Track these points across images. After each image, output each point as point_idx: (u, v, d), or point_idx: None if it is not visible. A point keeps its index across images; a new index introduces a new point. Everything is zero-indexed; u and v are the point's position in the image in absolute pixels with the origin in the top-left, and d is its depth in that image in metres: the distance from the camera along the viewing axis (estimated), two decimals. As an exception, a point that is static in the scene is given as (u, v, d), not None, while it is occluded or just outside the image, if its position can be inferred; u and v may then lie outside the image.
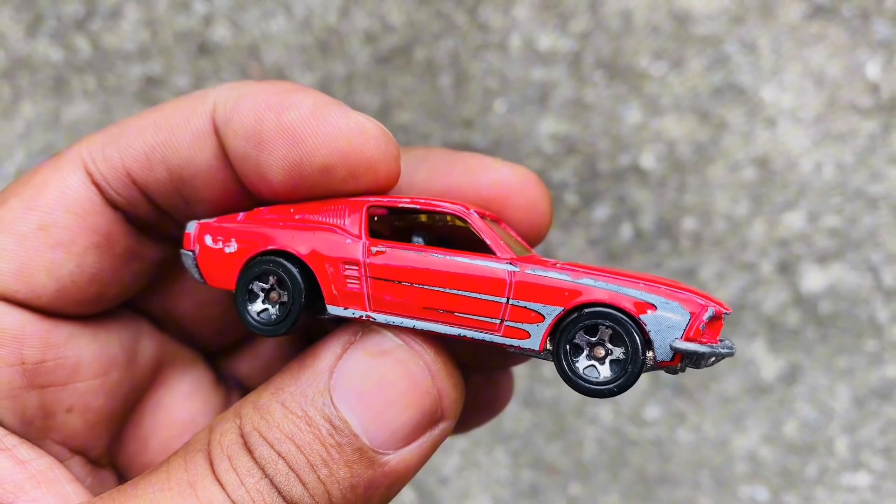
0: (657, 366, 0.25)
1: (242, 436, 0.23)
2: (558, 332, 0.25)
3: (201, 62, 0.73)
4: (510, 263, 0.25)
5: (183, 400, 0.30)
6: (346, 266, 0.25)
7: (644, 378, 0.70)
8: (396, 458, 0.23)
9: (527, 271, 0.25)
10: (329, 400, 0.23)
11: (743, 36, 0.73)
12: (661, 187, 0.71)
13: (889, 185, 0.71)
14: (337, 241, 0.26)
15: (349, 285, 0.25)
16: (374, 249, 0.26)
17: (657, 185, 0.71)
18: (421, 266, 0.25)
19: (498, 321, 0.25)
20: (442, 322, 0.24)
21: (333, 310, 0.25)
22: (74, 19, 0.74)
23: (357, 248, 0.26)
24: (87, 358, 0.28)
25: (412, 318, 0.24)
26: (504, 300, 0.25)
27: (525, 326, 0.24)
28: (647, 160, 0.72)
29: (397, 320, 0.24)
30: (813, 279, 0.71)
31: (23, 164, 0.72)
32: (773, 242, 0.71)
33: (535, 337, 0.24)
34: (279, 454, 0.22)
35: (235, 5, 0.74)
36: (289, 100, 0.25)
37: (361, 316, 0.25)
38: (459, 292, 0.24)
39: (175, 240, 0.29)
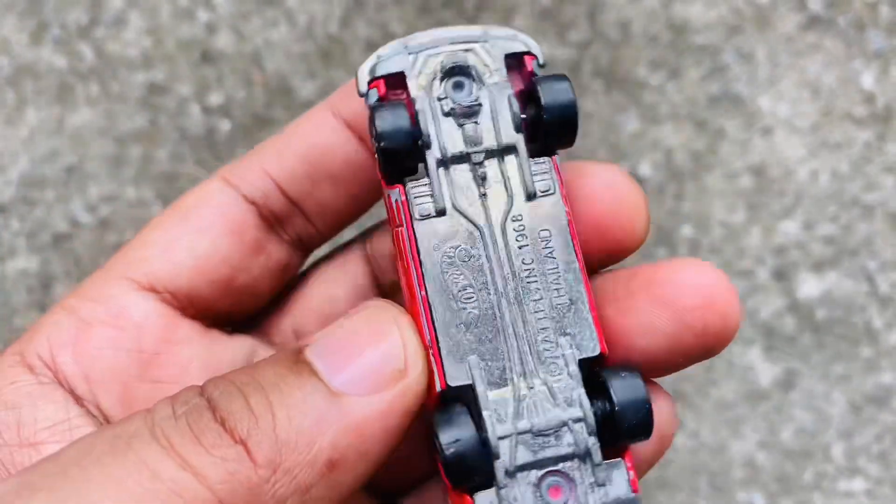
0: None
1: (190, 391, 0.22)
2: None
3: (204, 70, 0.74)
4: None
5: None
6: None
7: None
8: (355, 401, 0.21)
9: None
10: (300, 349, 0.22)
11: (740, 46, 0.74)
12: (659, 195, 0.72)
13: (884, 194, 0.72)
14: None
15: None
16: None
17: (655, 193, 0.72)
18: None
19: None
20: None
21: None
22: (78, 27, 0.75)
23: None
24: (198, 364, 0.28)
25: None
26: None
27: None
28: (645, 168, 0.73)
29: None
30: (809, 286, 0.71)
31: (26, 170, 0.73)
32: (770, 250, 0.71)
33: None
34: (230, 380, 0.21)
35: (238, 14, 0.75)
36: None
37: None
38: None
39: (297, 242, 0.31)
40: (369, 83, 0.25)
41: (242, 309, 0.30)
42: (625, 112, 0.73)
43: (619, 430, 0.22)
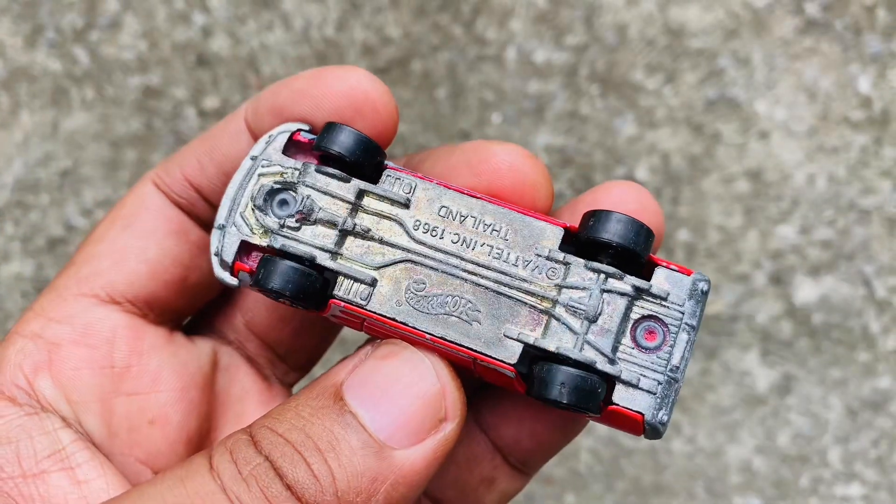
0: None
1: (249, 434, 0.23)
2: None
3: (200, 73, 0.74)
4: None
5: None
6: None
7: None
8: (403, 455, 0.23)
9: None
10: (340, 395, 0.23)
11: (737, 50, 0.74)
12: (656, 199, 0.72)
13: (881, 198, 0.72)
14: None
15: None
16: None
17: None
18: None
19: None
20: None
21: None
22: (73, 30, 0.74)
23: None
24: (167, 371, 0.28)
25: None
26: None
27: None
28: (642, 172, 0.72)
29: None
30: (806, 291, 0.71)
31: (21, 174, 0.72)
32: (767, 254, 0.71)
33: None
34: (285, 439, 0.22)
35: (234, 17, 0.75)
36: (293, 77, 0.29)
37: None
38: None
39: None
40: (232, 272, 0.26)
41: (199, 304, 0.31)
42: (621, 116, 0.73)
43: (635, 256, 0.25)
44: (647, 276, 0.25)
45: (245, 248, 0.26)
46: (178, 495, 0.21)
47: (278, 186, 0.26)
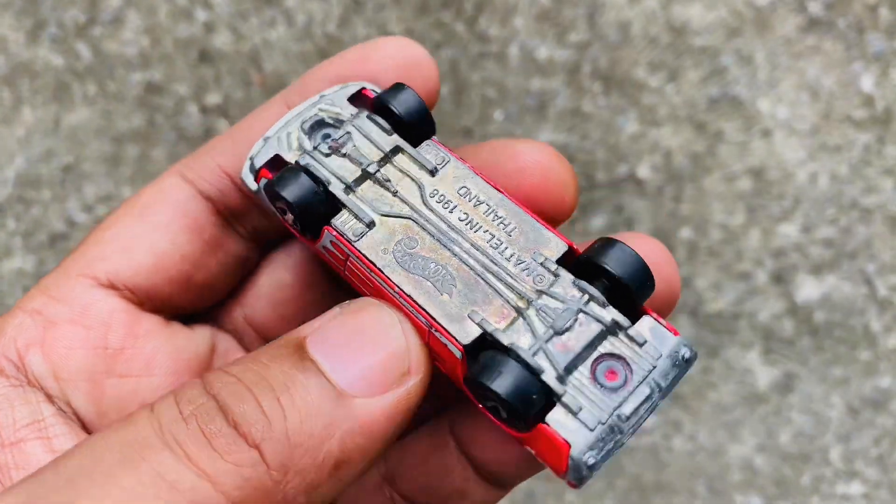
0: None
1: (201, 377, 0.21)
2: None
3: (202, 69, 0.74)
4: None
5: None
6: None
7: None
8: (362, 403, 0.21)
9: None
10: (303, 346, 0.22)
11: (739, 48, 0.73)
12: (658, 197, 0.72)
13: (883, 197, 0.72)
14: None
15: None
16: None
17: (654, 195, 0.72)
18: None
19: None
20: None
21: None
22: (76, 25, 0.74)
23: None
24: (162, 355, 0.28)
25: None
26: None
27: None
28: (644, 170, 0.72)
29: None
30: (808, 289, 0.71)
31: (22, 169, 0.72)
32: (769, 252, 0.71)
33: None
34: (237, 378, 0.21)
35: (236, 13, 0.74)
36: (342, 52, 0.29)
37: None
38: None
39: (254, 235, 0.31)
40: (255, 178, 0.27)
41: (201, 304, 0.30)
42: (624, 114, 0.73)
43: (628, 293, 0.23)
44: (633, 321, 0.24)
45: (277, 162, 0.27)
46: (112, 443, 0.20)
47: (329, 121, 0.27)
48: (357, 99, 0.28)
